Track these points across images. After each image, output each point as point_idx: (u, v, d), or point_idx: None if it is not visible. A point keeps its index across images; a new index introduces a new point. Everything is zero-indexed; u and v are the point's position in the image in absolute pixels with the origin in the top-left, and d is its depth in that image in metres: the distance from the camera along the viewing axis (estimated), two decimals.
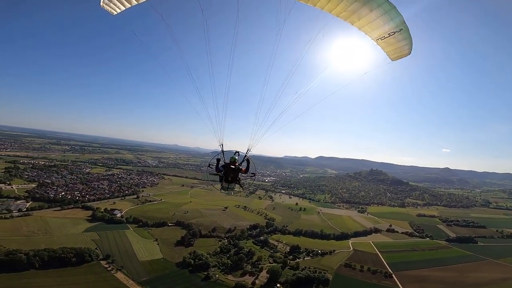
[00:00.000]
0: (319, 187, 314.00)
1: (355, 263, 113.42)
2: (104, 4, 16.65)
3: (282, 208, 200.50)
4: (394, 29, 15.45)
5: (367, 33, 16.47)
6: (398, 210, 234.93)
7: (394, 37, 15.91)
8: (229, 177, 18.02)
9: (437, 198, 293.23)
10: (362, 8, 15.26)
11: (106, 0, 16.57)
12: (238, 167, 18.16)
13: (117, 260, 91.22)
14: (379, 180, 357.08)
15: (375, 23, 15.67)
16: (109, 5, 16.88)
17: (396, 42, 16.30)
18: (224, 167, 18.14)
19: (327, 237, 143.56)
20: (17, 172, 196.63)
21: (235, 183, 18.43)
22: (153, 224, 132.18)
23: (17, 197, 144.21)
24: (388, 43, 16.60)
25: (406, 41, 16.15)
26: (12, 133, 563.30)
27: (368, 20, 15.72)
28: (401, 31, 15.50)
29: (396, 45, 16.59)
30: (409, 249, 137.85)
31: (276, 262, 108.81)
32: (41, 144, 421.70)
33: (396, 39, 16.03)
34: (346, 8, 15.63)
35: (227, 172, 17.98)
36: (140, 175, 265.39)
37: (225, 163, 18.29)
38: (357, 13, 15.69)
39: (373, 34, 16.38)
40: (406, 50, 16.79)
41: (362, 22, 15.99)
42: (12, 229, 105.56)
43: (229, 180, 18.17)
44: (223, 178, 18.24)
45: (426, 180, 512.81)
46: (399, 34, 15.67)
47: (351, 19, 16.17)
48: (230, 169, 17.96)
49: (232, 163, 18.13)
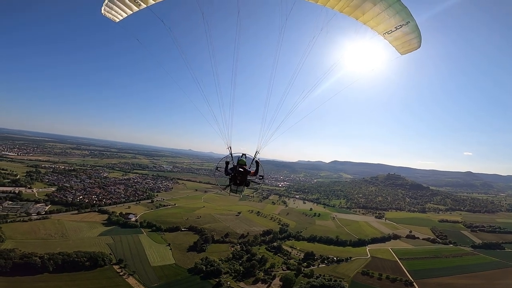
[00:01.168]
0: (334, 192, 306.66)
1: (373, 270, 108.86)
2: (106, 12, 16.88)
3: (296, 214, 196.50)
4: (400, 22, 15.11)
5: (373, 28, 16.14)
6: (418, 215, 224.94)
7: (401, 30, 15.54)
8: (238, 180, 17.90)
9: (460, 203, 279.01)
10: (365, 2, 14.98)
11: (107, 8, 16.75)
12: (246, 170, 18.01)
13: (130, 265, 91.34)
14: (397, 185, 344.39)
15: (380, 17, 15.32)
16: (110, 13, 17.09)
17: (404, 35, 15.89)
18: (233, 170, 18.09)
19: (343, 243, 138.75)
20: (38, 176, 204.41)
21: (244, 185, 18.26)
22: (166, 229, 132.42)
23: (36, 200, 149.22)
24: (395, 37, 16.18)
25: (414, 34, 15.73)
26: (35, 138, 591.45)
27: (372, 15, 15.38)
28: (408, 24, 15.14)
29: (404, 39, 16.18)
30: (431, 256, 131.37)
31: (289, 269, 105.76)
32: (62, 149, 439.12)
33: (404, 32, 15.65)
34: (348, 3, 15.36)
35: (236, 175, 17.88)
36: (155, 180, 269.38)
37: (234, 166, 18.27)
38: (360, 8, 15.39)
39: (379, 28, 16.02)
40: (415, 44, 16.33)
41: (367, 16, 15.64)
42: (30, 231, 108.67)
43: (238, 183, 18.05)
44: (231, 181, 18.21)
45: (447, 185, 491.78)
46: (406, 27, 15.32)
47: (355, 14, 15.82)
48: (239, 172, 17.81)
49: (240, 165, 18.05)
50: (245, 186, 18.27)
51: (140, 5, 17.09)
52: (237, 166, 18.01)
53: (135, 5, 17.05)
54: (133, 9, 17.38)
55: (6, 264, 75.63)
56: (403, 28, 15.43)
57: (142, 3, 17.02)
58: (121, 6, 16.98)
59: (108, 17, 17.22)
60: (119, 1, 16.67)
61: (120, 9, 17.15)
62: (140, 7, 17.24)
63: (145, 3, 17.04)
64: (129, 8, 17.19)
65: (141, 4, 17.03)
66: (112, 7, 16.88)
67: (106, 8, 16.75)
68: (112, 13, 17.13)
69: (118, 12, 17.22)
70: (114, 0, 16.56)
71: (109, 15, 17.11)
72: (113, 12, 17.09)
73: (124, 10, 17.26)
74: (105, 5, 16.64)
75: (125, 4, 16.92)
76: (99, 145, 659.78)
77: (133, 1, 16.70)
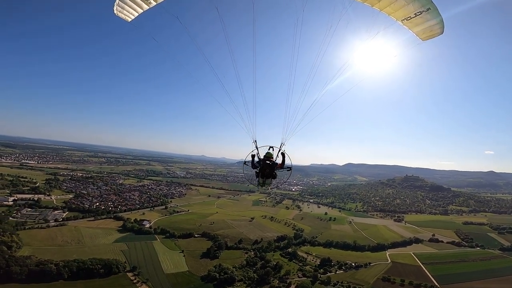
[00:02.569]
0: (349, 195, 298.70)
1: (394, 276, 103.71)
2: (118, 12, 17.13)
3: (311, 218, 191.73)
4: (420, 8, 14.67)
5: (390, 15, 15.66)
6: (441, 218, 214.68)
7: (421, 17, 15.08)
8: (265, 172, 18.03)
9: (484, 204, 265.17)
10: None
11: (119, 8, 16.94)
12: (273, 162, 18.17)
13: (143, 272, 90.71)
14: (416, 187, 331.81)
15: (398, 4, 14.91)
16: (123, 12, 17.27)
17: (424, 21, 15.41)
18: (259, 163, 18.26)
19: (361, 248, 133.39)
20: (56, 184, 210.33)
21: (271, 178, 18.41)
22: (180, 235, 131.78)
23: (55, 207, 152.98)
24: (415, 24, 15.69)
25: (435, 20, 15.19)
26: (55, 147, 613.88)
27: (389, 1, 14.96)
28: (429, 11, 14.65)
29: (425, 25, 15.68)
30: (457, 260, 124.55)
31: (305, 276, 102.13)
32: (80, 156, 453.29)
33: (424, 18, 15.18)
34: None
35: (263, 167, 18.04)
36: (168, 186, 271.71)
37: (260, 159, 18.40)
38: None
39: (397, 15, 15.54)
40: (438, 29, 15.76)
41: (383, 3, 15.27)
42: (47, 238, 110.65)
43: (265, 176, 18.18)
44: (259, 174, 18.30)
45: (469, 185, 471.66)
46: (427, 14, 14.80)
47: (371, 1, 15.45)
48: (266, 164, 17.99)
49: (267, 158, 18.16)
50: (272, 178, 18.43)
51: (150, 2, 17.08)
52: (264, 159, 18.12)
53: (145, 3, 17.05)
54: (143, 7, 17.34)
55: (21, 271, 76.60)
56: (424, 15, 14.85)
57: (153, 1, 17.01)
58: (131, 4, 17.04)
59: (120, 17, 17.41)
60: (130, 0, 16.83)
61: (132, 8, 17.22)
62: (151, 4, 17.20)
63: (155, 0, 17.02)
64: (140, 6, 17.14)
65: (151, 1, 17.01)
66: (124, 6, 16.97)
67: (118, 8, 16.87)
68: (124, 12, 17.26)
69: (130, 12, 17.34)
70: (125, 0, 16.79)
71: (121, 15, 17.29)
72: (124, 11, 17.22)
73: (135, 9, 17.30)
74: (117, 5, 16.74)
75: (135, 3, 16.99)
76: (115, 153, 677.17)
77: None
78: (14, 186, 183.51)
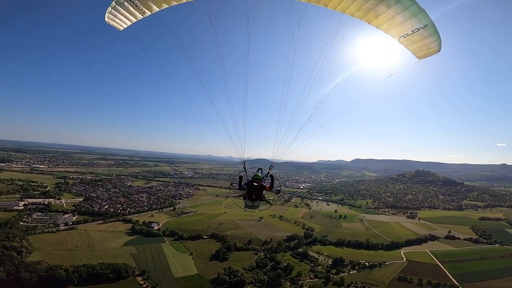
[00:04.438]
0: (359, 192, 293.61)
1: (411, 275, 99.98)
2: (110, 20, 16.61)
3: (321, 216, 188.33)
4: (417, 25, 14.26)
5: (387, 32, 15.32)
6: (455, 213, 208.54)
7: (418, 34, 14.61)
8: (253, 195, 17.39)
9: (499, 199, 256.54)
10: (379, 5, 14.16)
11: (111, 16, 16.40)
12: (261, 185, 17.46)
13: (152, 276, 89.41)
14: (427, 181, 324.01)
15: (395, 21, 14.51)
16: (114, 21, 16.81)
17: (422, 39, 14.93)
18: (247, 184, 17.62)
19: (375, 247, 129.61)
20: (66, 187, 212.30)
21: (259, 200, 17.69)
22: (188, 237, 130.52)
23: (65, 211, 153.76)
24: (412, 41, 15.24)
25: (433, 38, 14.69)
26: (65, 150, 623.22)
27: (386, 18, 14.58)
28: (426, 28, 14.20)
29: (421, 42, 15.15)
30: (476, 257, 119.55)
31: (317, 277, 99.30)
32: (90, 159, 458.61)
33: (421, 36, 14.72)
34: (360, 6, 14.65)
35: (251, 190, 17.39)
36: (176, 187, 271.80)
37: (248, 181, 17.78)
38: (373, 11, 14.58)
39: (393, 32, 15.16)
40: (435, 47, 15.24)
41: (380, 20, 14.85)
42: (57, 242, 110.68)
43: (253, 198, 17.47)
44: (246, 196, 17.65)
45: (482, 179, 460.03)
46: (424, 31, 14.39)
47: (368, 18, 15.09)
48: (254, 186, 17.32)
49: (255, 180, 17.52)
50: (260, 201, 17.76)
51: (144, 12, 16.60)
52: (252, 181, 17.41)
53: (139, 12, 16.57)
54: (137, 17, 16.94)
55: (31, 277, 76.11)
56: (421, 32, 14.38)
57: (147, 11, 16.52)
58: (125, 13, 16.54)
59: (112, 25, 16.87)
60: (122, 9, 16.21)
61: (124, 17, 16.72)
62: (145, 14, 16.76)
63: (150, 10, 16.51)
64: (133, 15, 16.73)
65: (145, 11, 16.52)
66: (116, 14, 16.45)
67: (110, 16, 16.34)
68: (116, 21, 16.77)
69: (122, 20, 16.84)
70: (117, 8, 16.07)
71: (113, 23, 16.77)
72: (117, 20, 16.73)
73: (128, 18, 16.85)
74: (109, 13, 16.23)
75: (129, 12, 16.48)
76: (124, 155, 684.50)
77: (137, 8, 16.19)
78: (24, 190, 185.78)
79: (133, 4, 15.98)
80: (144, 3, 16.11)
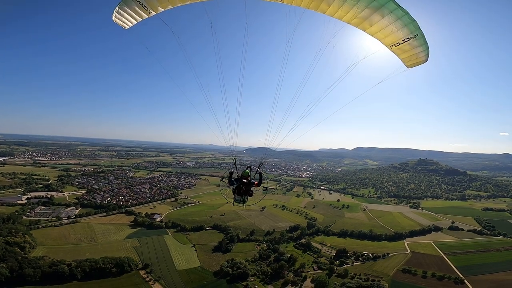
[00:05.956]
0: (361, 181, 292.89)
1: (415, 267, 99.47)
2: (116, 19, 17.16)
3: (323, 206, 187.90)
4: (408, 35, 14.89)
5: (380, 40, 15.98)
6: (459, 204, 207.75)
7: (409, 43, 15.33)
8: (242, 190, 18.42)
9: (502, 189, 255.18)
10: (373, 14, 14.66)
11: (118, 15, 16.97)
12: (250, 181, 18.50)
13: (156, 270, 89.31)
14: (430, 171, 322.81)
15: (387, 30, 15.12)
16: (121, 20, 17.35)
17: (411, 48, 15.68)
18: (237, 180, 18.55)
19: (378, 238, 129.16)
20: (68, 180, 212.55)
21: (247, 195, 18.75)
22: (190, 228, 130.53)
23: (67, 204, 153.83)
24: (403, 50, 15.97)
25: (421, 48, 15.43)
26: (67, 143, 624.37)
27: (380, 27, 15.17)
28: (416, 37, 14.86)
29: (411, 52, 15.94)
30: (480, 249, 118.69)
31: (321, 268, 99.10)
32: (92, 151, 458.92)
33: (411, 45, 15.45)
34: (356, 14, 15.09)
35: (240, 185, 18.37)
36: (178, 177, 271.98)
37: (238, 177, 18.74)
38: (368, 20, 15.10)
39: (386, 40, 15.84)
40: (423, 57, 16.08)
41: (374, 28, 15.44)
42: (60, 237, 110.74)
43: (242, 193, 18.52)
44: (235, 191, 18.67)
45: (484, 168, 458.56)
46: (414, 41, 15.07)
47: (363, 26, 15.67)
48: (243, 183, 18.31)
49: (244, 177, 18.45)
50: (248, 196, 18.82)
51: (150, 12, 17.30)
52: (241, 178, 18.50)
53: (145, 12, 17.27)
54: (143, 17, 17.71)
55: (35, 273, 75.96)
56: (411, 41, 15.10)
57: (152, 11, 17.22)
58: (131, 13, 17.23)
59: (118, 24, 17.46)
60: (129, 9, 16.91)
61: (131, 17, 17.40)
62: (150, 14, 17.48)
63: (155, 10, 17.24)
64: (139, 15, 17.50)
65: (151, 11, 17.22)
66: (123, 14, 17.07)
67: (117, 15, 16.97)
68: (123, 20, 17.36)
69: (128, 19, 17.49)
70: (124, 8, 16.73)
71: (119, 22, 17.37)
72: (123, 19, 17.34)
73: (134, 18, 17.55)
74: (116, 12, 16.80)
75: (135, 12, 17.20)
76: (125, 146, 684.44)
77: (143, 8, 16.86)
78: (27, 184, 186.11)
79: (140, 5, 16.68)
80: (151, 4, 16.77)
